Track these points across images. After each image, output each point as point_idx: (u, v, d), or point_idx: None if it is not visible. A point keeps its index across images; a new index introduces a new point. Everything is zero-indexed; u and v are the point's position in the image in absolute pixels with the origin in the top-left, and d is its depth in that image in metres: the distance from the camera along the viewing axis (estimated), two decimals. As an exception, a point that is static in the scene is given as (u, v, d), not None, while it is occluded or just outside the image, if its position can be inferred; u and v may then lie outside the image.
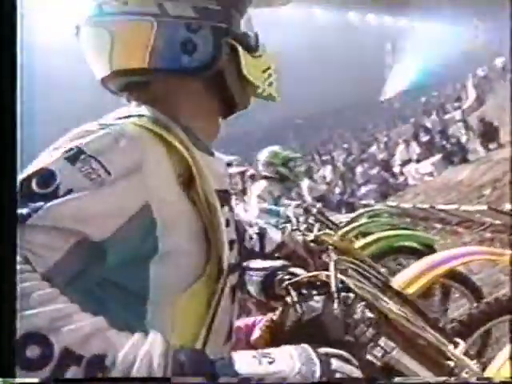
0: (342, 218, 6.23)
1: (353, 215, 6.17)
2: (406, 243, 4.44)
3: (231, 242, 1.24)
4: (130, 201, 1.02)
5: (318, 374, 0.90)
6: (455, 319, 2.49)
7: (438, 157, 13.43)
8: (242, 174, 5.62)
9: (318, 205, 5.38)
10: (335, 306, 1.19)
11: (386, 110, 28.64)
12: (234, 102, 1.29)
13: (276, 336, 1.35)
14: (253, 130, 23.43)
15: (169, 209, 1.07)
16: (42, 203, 0.93)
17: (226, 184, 1.30)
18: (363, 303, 1.22)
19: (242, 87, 1.27)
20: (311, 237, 2.38)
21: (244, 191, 5.47)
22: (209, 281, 1.14)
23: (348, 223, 5.31)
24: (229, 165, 4.63)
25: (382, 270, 2.83)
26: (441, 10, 27.27)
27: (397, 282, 2.64)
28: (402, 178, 14.27)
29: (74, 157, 1.00)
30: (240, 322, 1.48)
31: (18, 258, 0.87)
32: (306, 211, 4.72)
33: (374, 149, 18.60)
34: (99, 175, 0.99)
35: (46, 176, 0.97)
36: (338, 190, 14.82)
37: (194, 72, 1.19)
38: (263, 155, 5.00)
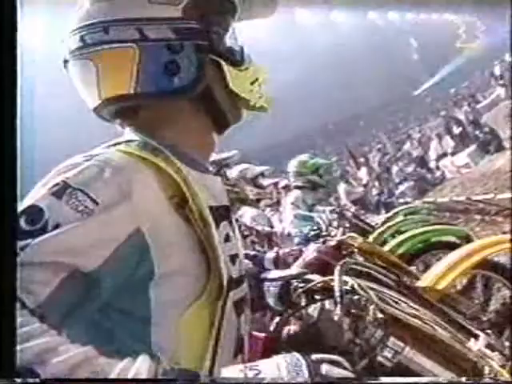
0: (378, 218, 6.25)
1: (388, 215, 6.18)
2: (443, 238, 4.44)
3: (233, 257, 1.24)
4: (120, 228, 1.03)
5: (304, 380, 0.91)
6: (493, 311, 2.50)
7: (472, 147, 13.26)
8: (275, 185, 5.68)
9: (353, 208, 5.42)
10: (337, 310, 1.17)
11: (417, 105, 28.32)
12: (225, 118, 1.29)
13: (272, 347, 1.31)
14: (285, 139, 23.47)
15: (162, 231, 1.08)
16: (30, 240, 0.94)
17: (223, 199, 1.30)
18: (373, 306, 1.20)
19: (232, 102, 1.27)
20: (334, 242, 2.43)
21: (278, 202, 5.53)
22: (210, 297, 1.14)
23: (383, 223, 5.32)
24: (262, 175, 4.70)
25: (412, 268, 2.86)
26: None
27: (426, 278, 2.67)
28: (438, 173, 14.11)
29: (60, 191, 1.01)
30: (261, 333, 1.48)
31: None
32: (341, 216, 4.79)
33: (407, 146, 18.45)
34: (86, 206, 1.00)
35: (33, 213, 0.99)
36: (375, 192, 14.76)
37: (181, 92, 1.19)
38: (292, 166, 5.09)
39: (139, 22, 1.16)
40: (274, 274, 1.62)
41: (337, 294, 1.21)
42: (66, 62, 1.23)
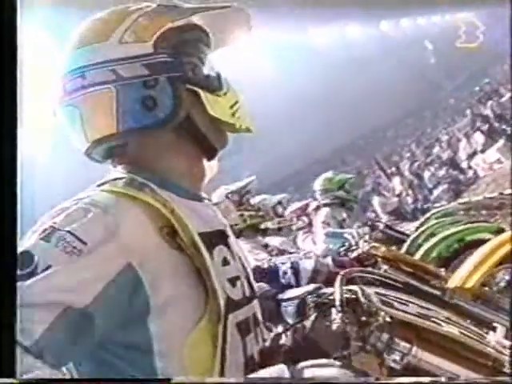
0: (413, 226, 6.24)
1: (421, 220, 6.17)
2: (478, 236, 4.41)
3: (234, 279, 1.26)
4: (110, 265, 1.06)
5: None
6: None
7: (501, 142, 13.12)
8: (305, 208, 5.70)
9: (385, 219, 5.44)
10: (338, 319, 1.16)
11: (441, 108, 28.09)
12: (210, 144, 1.30)
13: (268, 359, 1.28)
14: (316, 159, 23.46)
15: (154, 263, 1.10)
16: (20, 283, 0.98)
17: (217, 224, 1.31)
18: (376, 311, 1.19)
19: (216, 127, 1.28)
20: (355, 254, 2.47)
21: (310, 224, 5.56)
22: (211, 321, 1.15)
23: (417, 229, 5.34)
24: (279, 203, 4.75)
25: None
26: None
27: (455, 279, 2.68)
28: (471, 172, 13.94)
29: (49, 235, 1.05)
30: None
31: None
32: (373, 228, 4.82)
33: (437, 150, 18.30)
34: (75, 247, 1.03)
35: (24, 258, 1.01)
36: (410, 200, 14.66)
37: (162, 124, 1.21)
38: (318, 184, 5.15)
39: (113, 62, 1.19)
40: (291, 293, 1.62)
41: (337, 302, 1.21)
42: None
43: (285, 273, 2.22)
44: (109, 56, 1.20)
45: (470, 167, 14.20)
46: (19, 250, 1.05)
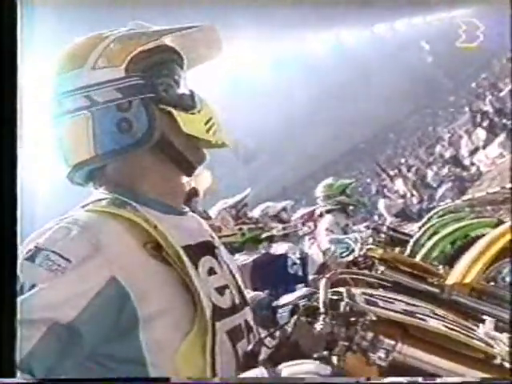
0: (417, 226, 6.22)
1: (424, 220, 6.15)
2: (480, 231, 4.37)
3: (221, 288, 1.27)
4: (94, 279, 1.09)
5: None
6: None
7: (502, 137, 13.10)
8: (312, 214, 5.72)
9: (388, 221, 5.44)
10: (321, 321, 1.16)
11: (441, 106, 28.09)
12: (187, 161, 1.32)
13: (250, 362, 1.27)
14: (320, 165, 23.46)
15: (140, 277, 1.13)
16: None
17: (202, 236, 1.34)
18: (360, 310, 1.19)
19: (192, 144, 1.31)
20: (350, 257, 2.48)
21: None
22: (200, 330, 1.17)
23: (419, 228, 5.32)
24: (284, 210, 4.77)
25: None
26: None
27: (454, 274, 2.63)
28: (474, 169, 13.93)
29: (33, 255, 1.08)
30: None
31: None
32: (377, 231, 4.82)
33: (439, 148, 18.29)
34: (59, 265, 1.06)
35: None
36: (415, 200, 14.64)
37: (138, 145, 1.24)
38: (319, 191, 5.18)
39: (87, 88, 1.23)
40: (285, 299, 1.64)
41: (320, 304, 1.21)
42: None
43: (294, 263, 2.22)
44: (83, 82, 1.24)
45: (472, 164, 14.18)
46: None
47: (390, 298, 1.34)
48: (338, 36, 29.96)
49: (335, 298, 1.27)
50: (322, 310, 1.19)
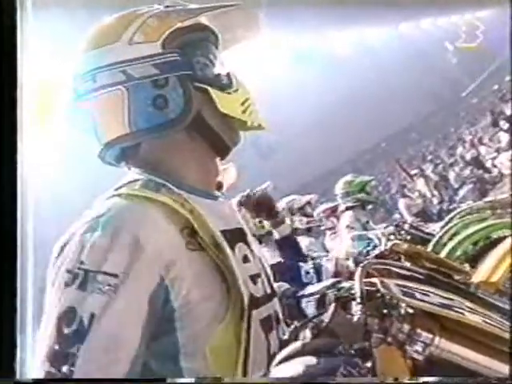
0: (437, 226, 6.18)
1: (446, 220, 6.10)
2: (503, 232, 4.35)
3: (254, 276, 1.27)
4: (144, 287, 1.09)
5: None
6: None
7: (524, 139, 12.98)
8: (335, 209, 5.72)
9: (410, 220, 5.42)
10: (358, 311, 1.14)
11: (464, 108, 27.87)
12: (223, 141, 1.30)
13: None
14: (341, 162, 23.40)
15: (178, 267, 1.12)
16: (74, 349, 1.01)
17: (235, 223, 1.33)
18: (397, 302, 1.17)
19: (227, 125, 1.29)
20: (376, 251, 2.46)
21: (339, 225, 5.57)
22: (234, 319, 1.16)
23: (441, 229, 5.29)
24: (308, 203, 4.78)
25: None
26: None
27: (480, 273, 2.64)
28: (495, 171, 13.82)
29: (83, 282, 1.06)
30: None
31: None
32: (399, 229, 4.80)
33: (460, 150, 18.16)
34: (109, 284, 1.06)
35: (69, 315, 1.04)
36: (436, 201, 14.53)
37: (173, 124, 1.22)
38: (339, 188, 5.19)
39: (123, 64, 1.21)
40: (310, 289, 1.65)
41: (357, 294, 1.19)
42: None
43: (307, 272, 2.22)
44: (118, 57, 1.22)
45: (494, 166, 14.05)
46: (62, 306, 1.07)
47: (424, 290, 1.32)
48: (361, 34, 29.80)
49: (368, 288, 1.25)
50: (358, 299, 1.17)
